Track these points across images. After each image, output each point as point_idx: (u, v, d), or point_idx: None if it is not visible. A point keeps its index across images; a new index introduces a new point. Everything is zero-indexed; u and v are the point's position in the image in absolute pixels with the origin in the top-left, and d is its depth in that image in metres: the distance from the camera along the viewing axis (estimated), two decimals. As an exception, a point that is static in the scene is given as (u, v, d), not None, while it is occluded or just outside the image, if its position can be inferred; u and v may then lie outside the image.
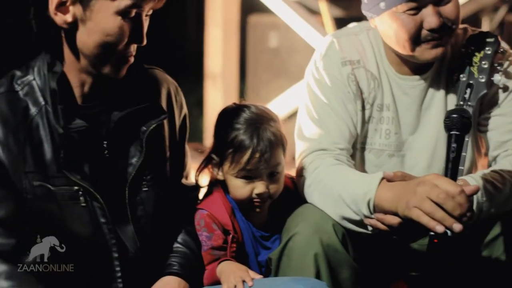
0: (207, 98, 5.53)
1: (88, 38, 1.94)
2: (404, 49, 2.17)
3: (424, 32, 2.13)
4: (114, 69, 1.99)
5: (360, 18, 2.37)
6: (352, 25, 2.42)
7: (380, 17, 2.18)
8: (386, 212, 2.02)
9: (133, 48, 2.00)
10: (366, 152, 2.32)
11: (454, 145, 1.93)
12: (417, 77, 2.28)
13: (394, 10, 2.13)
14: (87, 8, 1.91)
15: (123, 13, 1.92)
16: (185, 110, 2.26)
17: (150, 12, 1.99)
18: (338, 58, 2.29)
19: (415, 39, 2.14)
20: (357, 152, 2.32)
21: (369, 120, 2.30)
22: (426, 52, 2.16)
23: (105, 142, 2.05)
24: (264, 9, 5.42)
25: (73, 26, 1.94)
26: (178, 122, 2.22)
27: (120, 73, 2.01)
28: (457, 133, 1.95)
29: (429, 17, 2.11)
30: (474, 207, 2.03)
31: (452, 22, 2.15)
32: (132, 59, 2.01)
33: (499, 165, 2.21)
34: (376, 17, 2.19)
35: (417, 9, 2.12)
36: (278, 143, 2.17)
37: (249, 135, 2.14)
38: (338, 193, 2.10)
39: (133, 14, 1.93)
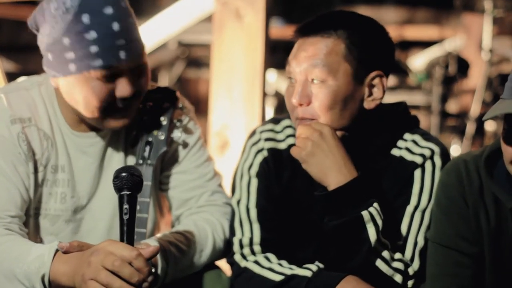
0: None
1: None
2: (93, 115, 2.05)
3: (116, 100, 2.04)
4: None
5: (36, 73, 2.19)
6: (21, 79, 2.21)
7: (66, 78, 2.03)
8: None
9: None
10: (41, 218, 2.13)
11: (126, 206, 1.79)
12: (94, 134, 2.14)
13: (86, 75, 2.00)
14: None
15: None
16: None
17: None
18: (7, 116, 2.07)
19: (106, 107, 2.03)
20: (30, 219, 2.11)
21: (43, 183, 2.11)
22: (113, 122, 2.06)
23: None
24: None
25: None
26: None
27: None
28: (128, 193, 1.80)
29: (123, 87, 2.02)
30: (159, 270, 1.94)
31: (142, 93, 2.08)
32: None
33: (183, 225, 2.15)
34: (61, 77, 2.04)
35: (112, 77, 2.01)
36: None
37: None
38: (9, 268, 1.89)
39: None
